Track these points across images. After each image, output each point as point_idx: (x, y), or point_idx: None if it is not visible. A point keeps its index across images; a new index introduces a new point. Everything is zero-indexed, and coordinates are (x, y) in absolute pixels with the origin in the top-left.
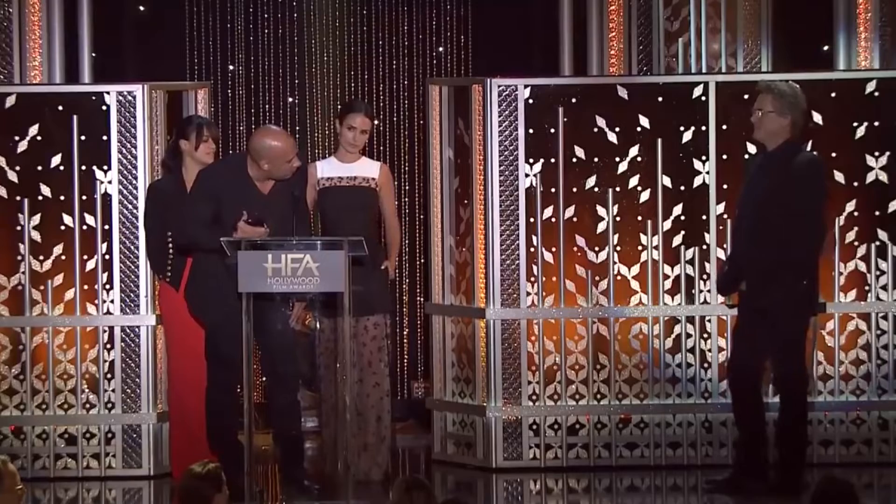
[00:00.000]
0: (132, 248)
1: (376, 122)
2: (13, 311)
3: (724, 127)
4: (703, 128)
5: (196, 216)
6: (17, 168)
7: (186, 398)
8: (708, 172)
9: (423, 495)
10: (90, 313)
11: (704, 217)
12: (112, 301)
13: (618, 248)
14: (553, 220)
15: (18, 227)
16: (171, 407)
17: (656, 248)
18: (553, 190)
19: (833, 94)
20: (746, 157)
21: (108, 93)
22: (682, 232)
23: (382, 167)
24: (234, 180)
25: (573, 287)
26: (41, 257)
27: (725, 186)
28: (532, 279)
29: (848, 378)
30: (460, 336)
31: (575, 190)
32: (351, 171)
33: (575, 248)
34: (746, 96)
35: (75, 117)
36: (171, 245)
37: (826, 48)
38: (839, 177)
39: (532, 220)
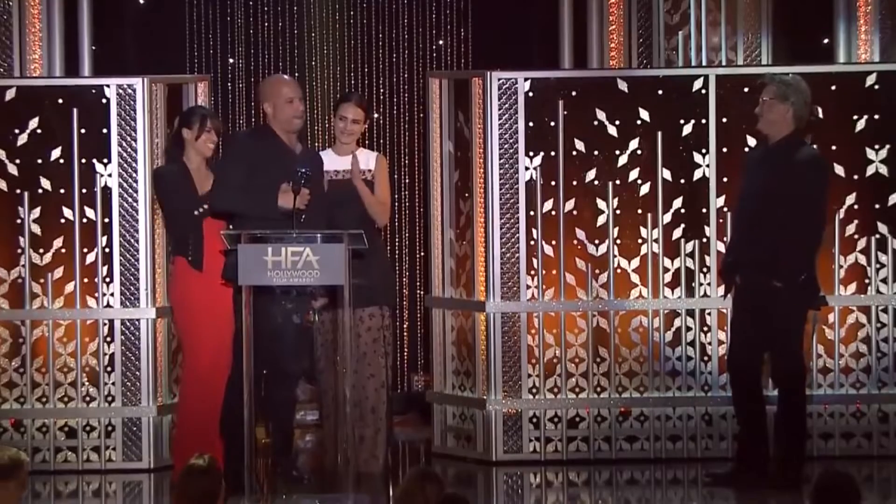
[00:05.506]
0: (132, 241)
1: (376, 115)
2: (13, 305)
3: (724, 120)
4: (703, 121)
5: (229, 181)
6: (17, 161)
7: (201, 390)
8: (708, 165)
9: (435, 488)
10: (90, 306)
11: (704, 210)
12: (112, 294)
13: (618, 242)
14: (553, 213)
15: (18, 221)
16: (181, 399)
17: (656, 241)
18: (553, 183)
19: (833, 87)
20: (746, 149)
21: (108, 86)
22: (682, 225)
23: (379, 157)
24: (266, 145)
25: (573, 280)
26: (41, 250)
27: (725, 179)
28: (532, 272)
29: (848, 371)
30: (460, 329)
31: (575, 183)
32: (347, 164)
33: (575, 242)
34: (746, 89)
35: (75, 110)
36: (190, 224)
37: (826, 41)
38: (839, 170)
39: (532, 213)
